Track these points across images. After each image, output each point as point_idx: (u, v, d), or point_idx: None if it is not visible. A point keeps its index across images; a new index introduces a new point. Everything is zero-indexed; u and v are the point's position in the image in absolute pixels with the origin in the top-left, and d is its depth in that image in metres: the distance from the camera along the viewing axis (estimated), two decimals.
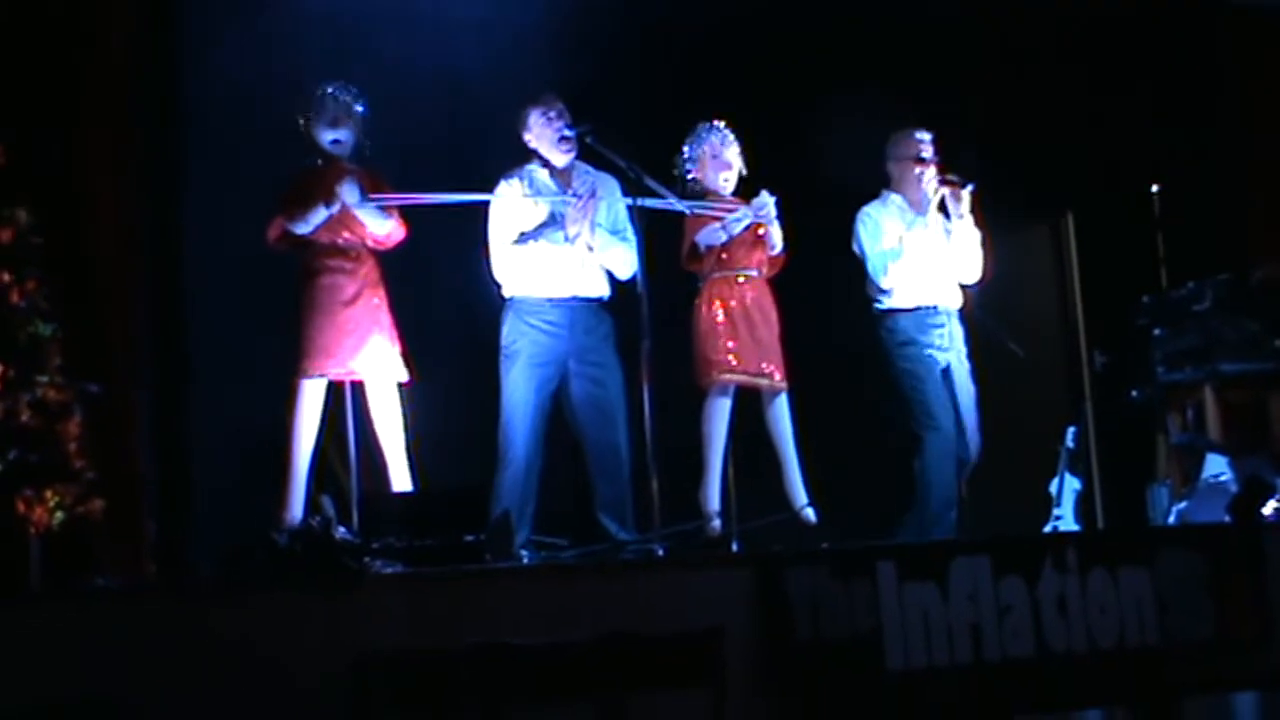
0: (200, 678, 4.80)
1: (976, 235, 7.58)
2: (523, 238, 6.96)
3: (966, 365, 7.56)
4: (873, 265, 7.50)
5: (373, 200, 6.78)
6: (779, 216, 7.31)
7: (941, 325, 7.49)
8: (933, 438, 7.35)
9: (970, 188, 7.49)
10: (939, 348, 7.46)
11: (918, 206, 7.57)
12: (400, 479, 6.80)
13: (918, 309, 7.49)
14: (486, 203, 7.00)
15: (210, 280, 6.98)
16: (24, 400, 5.10)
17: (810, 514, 7.28)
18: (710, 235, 7.29)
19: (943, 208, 7.61)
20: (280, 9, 7.41)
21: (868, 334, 7.64)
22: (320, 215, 6.74)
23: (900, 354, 7.47)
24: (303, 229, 6.76)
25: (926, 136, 7.60)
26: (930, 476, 7.33)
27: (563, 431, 7.07)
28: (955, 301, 7.60)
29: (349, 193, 6.74)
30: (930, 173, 7.54)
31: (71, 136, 6.26)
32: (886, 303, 7.53)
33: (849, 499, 7.51)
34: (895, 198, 7.62)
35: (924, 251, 7.49)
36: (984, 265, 7.62)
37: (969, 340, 7.57)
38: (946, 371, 7.48)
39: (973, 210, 7.55)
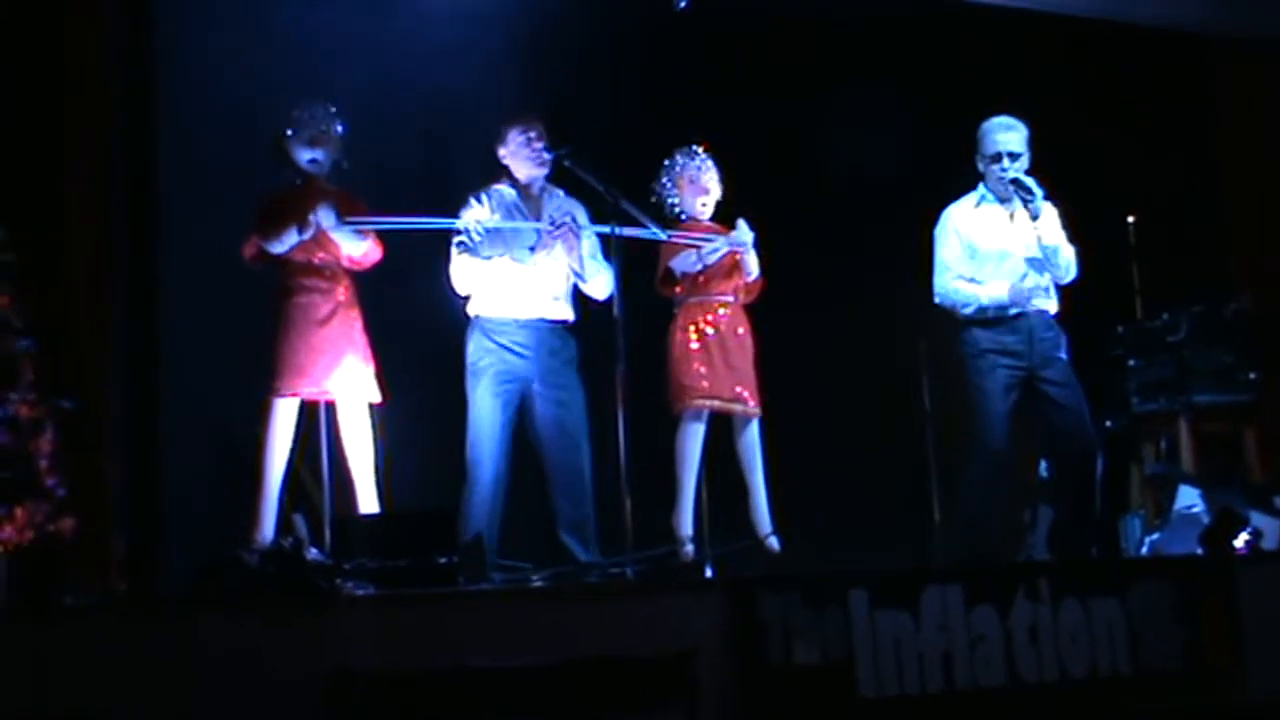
0: (170, 698, 4.77)
1: (1060, 231, 7.27)
2: (474, 250, 6.94)
3: (1059, 371, 7.18)
4: (949, 300, 7.28)
5: (348, 224, 6.76)
6: (756, 245, 7.31)
7: (1020, 330, 7.16)
8: (979, 456, 7.15)
9: (1039, 196, 7.17)
10: (1016, 355, 7.16)
11: (1008, 202, 7.28)
12: (368, 500, 6.78)
13: (996, 318, 7.20)
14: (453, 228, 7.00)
15: (184, 297, 6.95)
16: None
17: (774, 542, 7.27)
18: (685, 263, 7.29)
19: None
20: (258, 27, 7.42)
21: (842, 358, 7.65)
22: (293, 238, 6.73)
23: (971, 365, 7.19)
24: (277, 249, 6.75)
25: (1015, 128, 7.29)
26: (965, 495, 7.23)
27: (527, 453, 7.06)
28: (1043, 304, 7.26)
29: (325, 216, 6.73)
30: (1012, 169, 7.23)
31: (47, 152, 6.24)
32: (964, 312, 7.25)
33: (821, 526, 7.51)
34: (984, 193, 7.34)
35: (1005, 247, 7.23)
36: (1074, 266, 7.30)
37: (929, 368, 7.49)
38: (1028, 384, 7.16)
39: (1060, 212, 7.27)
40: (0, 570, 5.02)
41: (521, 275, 6.98)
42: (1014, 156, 7.25)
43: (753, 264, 7.35)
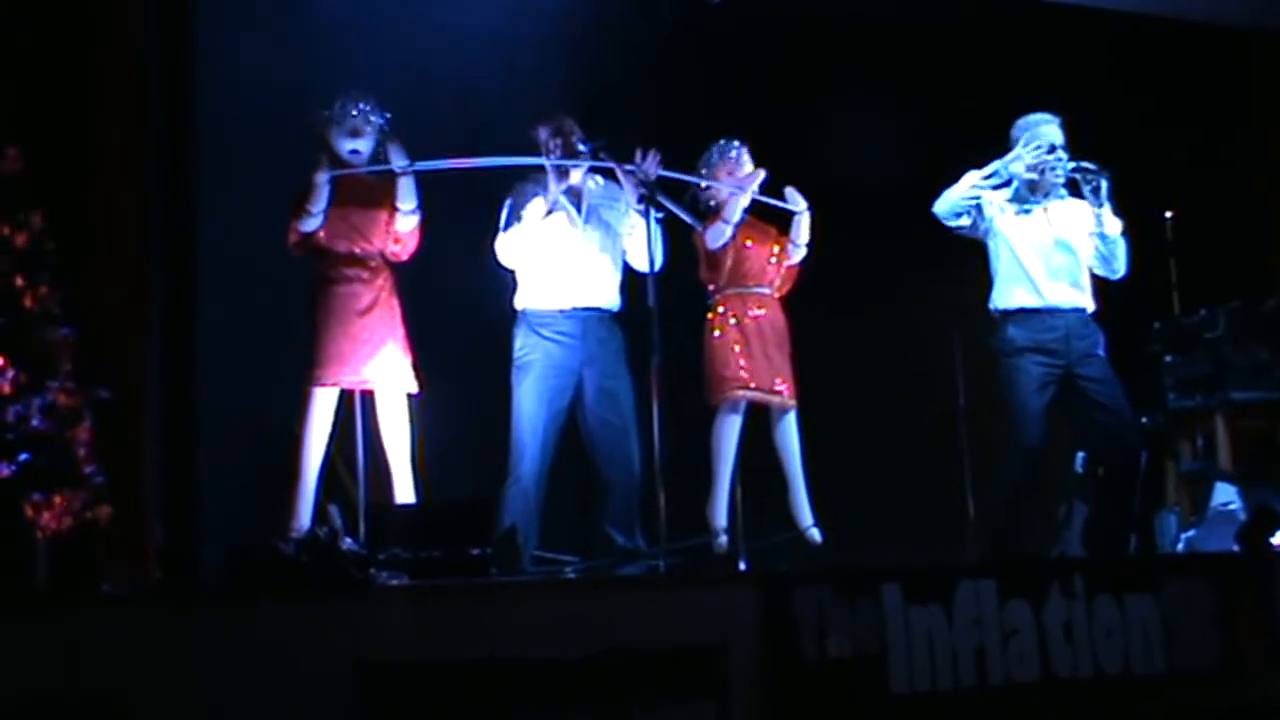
0: (204, 685, 4.80)
1: (1118, 225, 7.20)
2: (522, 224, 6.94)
3: (1098, 368, 7.11)
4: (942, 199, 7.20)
5: (417, 168, 6.80)
6: (811, 213, 7.33)
7: (1058, 329, 7.09)
8: (1010, 455, 7.10)
9: (1105, 182, 7.12)
10: (1052, 353, 7.08)
11: (1046, 195, 7.23)
12: (404, 490, 6.80)
13: (1030, 313, 7.13)
14: (517, 167, 7.02)
15: (222, 287, 6.98)
16: (35, 405, 5.10)
17: (815, 534, 7.29)
18: (716, 234, 7.28)
19: (1079, 194, 7.24)
20: (294, 18, 7.44)
21: (877, 352, 7.64)
22: (321, 201, 6.73)
23: (1008, 363, 7.11)
24: (309, 224, 6.76)
25: (1051, 123, 7.24)
26: (995, 491, 7.21)
27: (568, 445, 7.06)
28: (1079, 299, 7.18)
29: (397, 156, 6.75)
30: (1065, 161, 7.17)
31: (85, 142, 6.26)
32: (998, 305, 7.20)
33: (858, 519, 7.51)
34: (1019, 185, 7.26)
35: (1041, 241, 7.18)
36: (1127, 261, 7.25)
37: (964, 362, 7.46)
38: (1066, 382, 7.08)
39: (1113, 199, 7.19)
40: (38, 556, 5.04)
41: (567, 262, 6.98)
42: (1066, 149, 7.22)
43: (804, 231, 7.36)
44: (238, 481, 6.97)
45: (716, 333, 7.36)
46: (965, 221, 7.18)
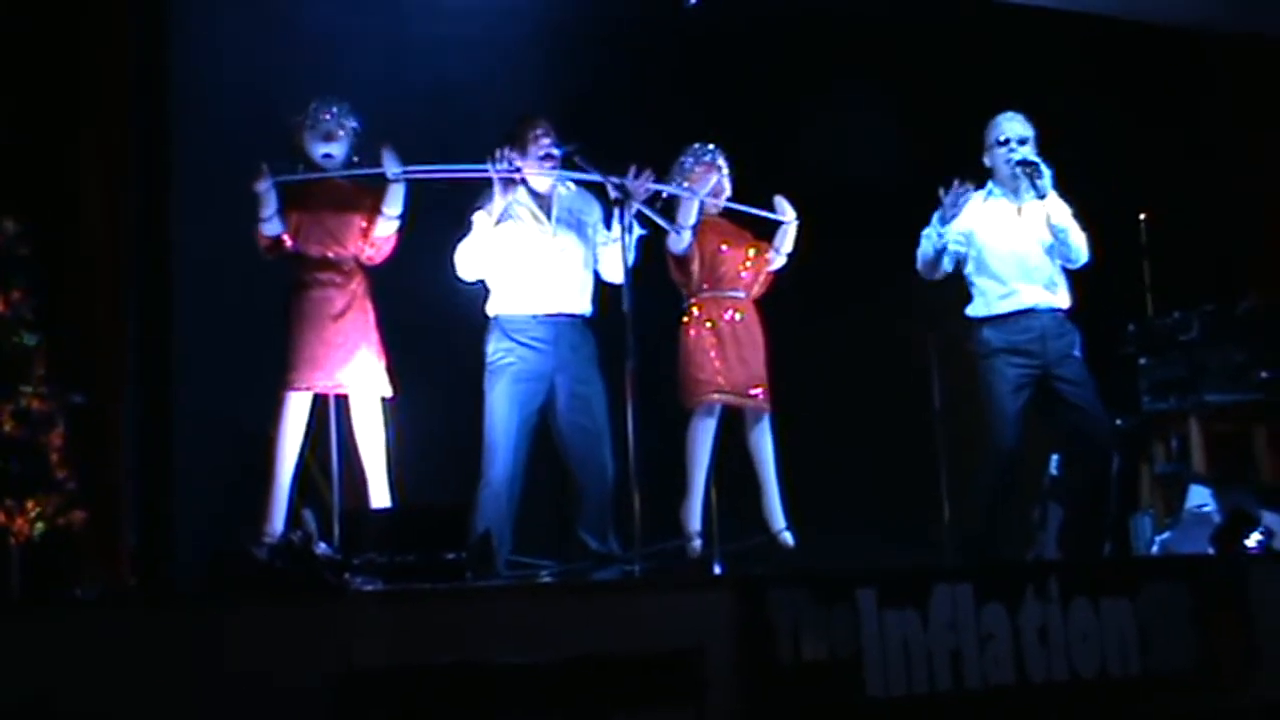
0: (178, 691, 4.78)
1: (1067, 211, 7.19)
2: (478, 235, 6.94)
3: (1074, 370, 7.13)
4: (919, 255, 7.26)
5: (407, 173, 6.80)
6: (799, 222, 7.37)
7: (1032, 329, 7.13)
8: (987, 457, 7.14)
9: (1048, 172, 7.11)
10: (1028, 354, 7.11)
11: (1016, 194, 7.26)
12: (380, 495, 6.79)
13: (1005, 315, 7.16)
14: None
15: (197, 292, 6.97)
16: (7, 410, 5.09)
17: (788, 537, 7.29)
18: (675, 240, 7.27)
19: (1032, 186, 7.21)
20: (272, 23, 7.43)
21: (853, 355, 7.63)
22: (266, 199, 6.69)
23: (983, 365, 7.15)
24: (267, 229, 6.72)
25: (1017, 117, 7.27)
26: (972, 493, 7.23)
27: (542, 450, 7.05)
28: (1054, 300, 7.20)
29: (391, 161, 6.76)
30: (1018, 152, 7.18)
31: (60, 145, 6.25)
32: (972, 311, 7.25)
33: (831, 523, 7.52)
34: (992, 186, 7.31)
35: (1014, 242, 7.19)
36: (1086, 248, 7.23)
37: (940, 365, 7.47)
38: (1042, 384, 7.11)
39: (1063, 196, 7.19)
40: (11, 562, 5.03)
41: (539, 268, 6.97)
42: (1022, 141, 7.24)
43: (788, 241, 7.40)
44: (212, 486, 6.94)
45: (691, 336, 7.36)
46: (948, 265, 7.25)
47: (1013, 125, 7.27)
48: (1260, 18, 9.26)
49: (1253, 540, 6.94)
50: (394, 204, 6.85)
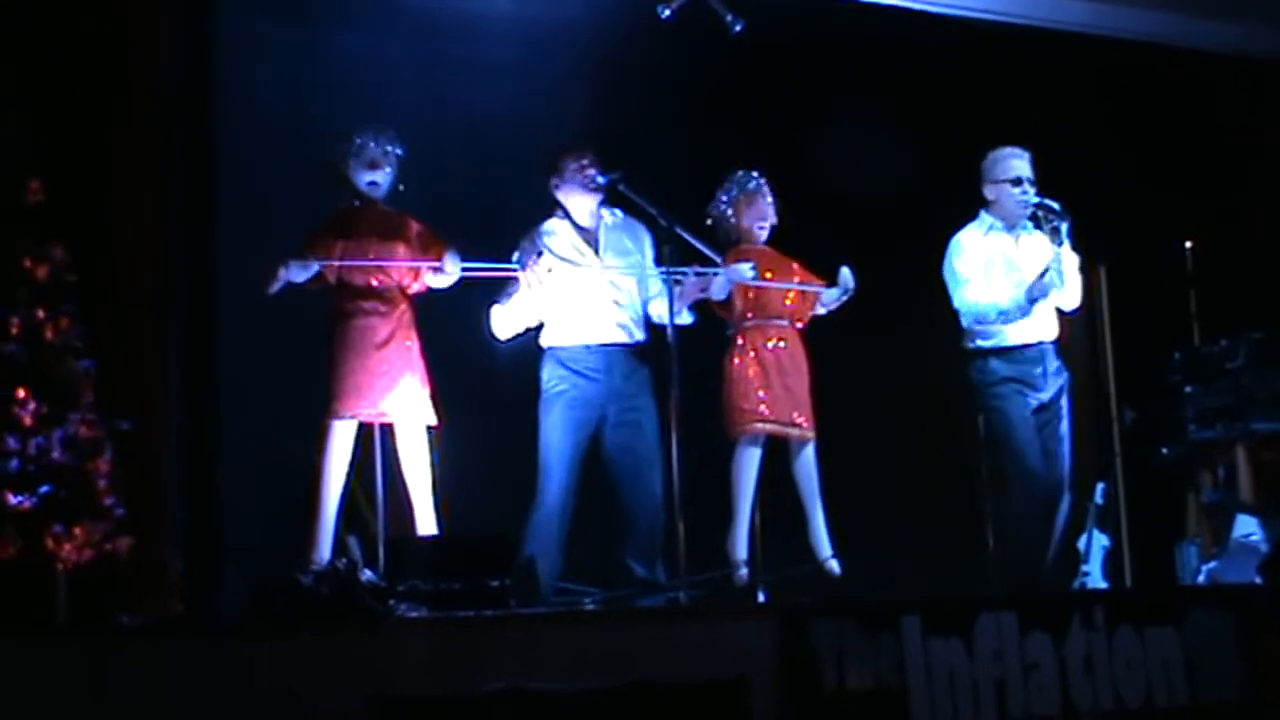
0: (223, 717, 4.79)
1: (1075, 261, 7.36)
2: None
3: (1065, 402, 7.33)
4: (974, 311, 7.32)
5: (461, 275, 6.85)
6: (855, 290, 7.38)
7: (1037, 362, 7.27)
8: (1020, 485, 7.20)
9: (1066, 222, 7.25)
10: (1034, 386, 7.25)
11: (1014, 229, 7.37)
12: (426, 522, 6.80)
13: (1013, 347, 7.28)
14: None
15: (242, 319, 7.00)
16: (56, 437, 5.12)
17: (834, 565, 7.27)
18: (717, 288, 7.20)
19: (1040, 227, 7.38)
20: (313, 51, 7.47)
21: (901, 379, 7.61)
22: (307, 274, 6.73)
23: (992, 393, 7.26)
24: (296, 276, 6.74)
25: (1024, 155, 7.38)
26: (1015, 525, 7.26)
27: (592, 478, 7.06)
28: (1052, 333, 7.37)
29: (452, 264, 6.82)
30: (1030, 193, 7.30)
31: (107, 174, 6.29)
32: (980, 342, 7.34)
33: (877, 551, 7.49)
34: (992, 220, 7.42)
35: (1017, 275, 7.29)
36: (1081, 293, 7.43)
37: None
38: (1042, 409, 7.27)
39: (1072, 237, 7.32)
40: (58, 589, 5.05)
41: (588, 302, 7.00)
42: (1032, 181, 7.33)
43: (837, 304, 7.43)
44: (259, 512, 6.96)
45: (735, 365, 7.36)
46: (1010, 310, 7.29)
47: (1023, 165, 7.37)
48: None
49: None
50: (436, 282, 6.89)
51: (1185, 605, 6.28)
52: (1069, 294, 7.40)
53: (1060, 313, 7.45)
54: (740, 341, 7.40)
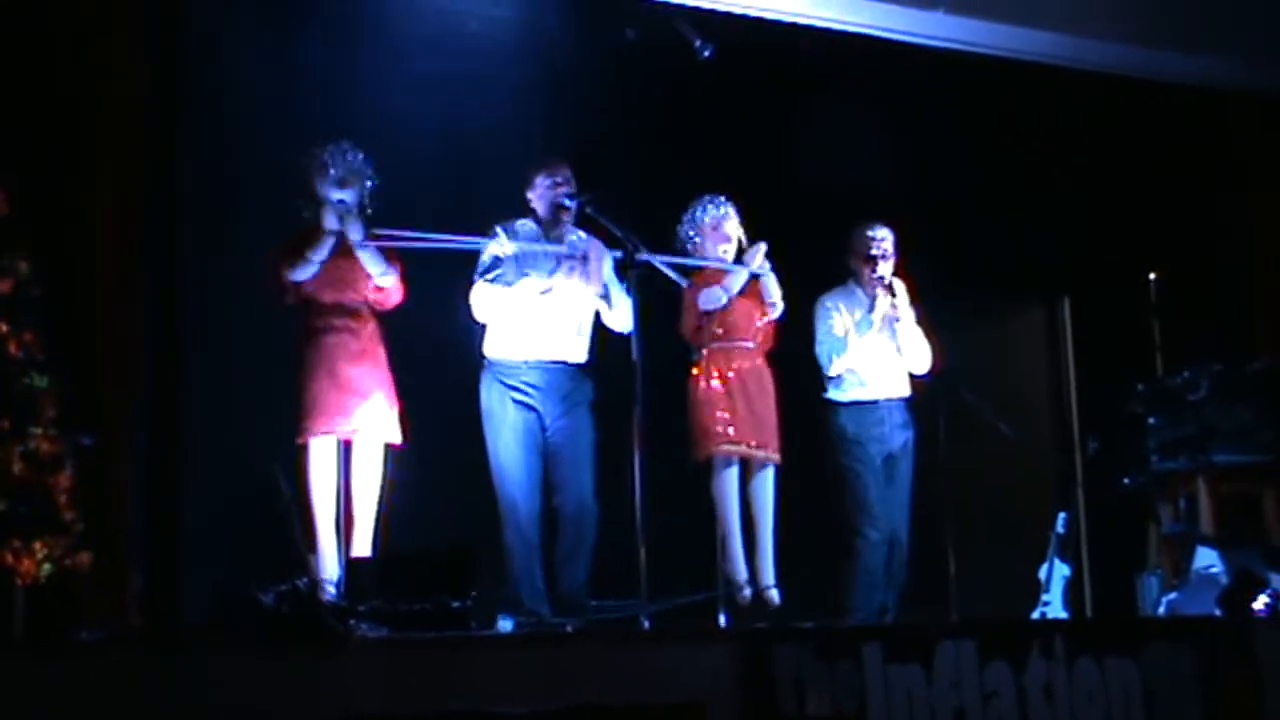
0: None
1: (918, 332, 7.63)
2: (499, 279, 6.94)
3: (910, 457, 7.59)
4: (820, 353, 7.59)
5: (375, 241, 6.78)
6: (773, 268, 7.35)
7: (882, 420, 7.53)
8: (867, 539, 7.39)
9: (896, 292, 7.54)
10: (880, 440, 7.51)
11: (868, 301, 7.62)
12: (362, 541, 6.77)
13: (859, 403, 7.56)
14: (479, 249, 7.00)
15: (206, 335, 6.98)
16: (16, 451, 5.09)
17: (774, 595, 7.25)
18: (711, 298, 7.29)
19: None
20: (284, 62, 7.44)
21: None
22: (323, 251, 6.74)
23: (840, 448, 7.54)
24: (304, 273, 6.75)
25: (882, 233, 7.64)
26: (862, 579, 7.35)
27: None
28: (902, 390, 7.65)
29: (354, 230, 6.76)
30: (880, 269, 7.58)
31: (72, 188, 6.28)
32: (832, 394, 7.60)
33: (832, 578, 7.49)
34: (855, 289, 7.69)
35: (870, 346, 7.56)
36: (933, 355, 7.66)
37: (947, 422, 7.52)
38: (888, 462, 7.53)
39: (914, 304, 7.60)
40: (17, 604, 5.03)
41: (535, 314, 6.97)
42: (885, 258, 7.60)
43: (774, 290, 7.40)
44: (219, 529, 6.93)
45: (701, 387, 7.35)
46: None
47: (882, 243, 7.64)
48: (1274, 77, 9.28)
49: (1260, 602, 6.91)
50: (373, 265, 6.84)
51: (1145, 636, 6.31)
52: (915, 361, 7.64)
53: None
54: (706, 364, 7.39)
